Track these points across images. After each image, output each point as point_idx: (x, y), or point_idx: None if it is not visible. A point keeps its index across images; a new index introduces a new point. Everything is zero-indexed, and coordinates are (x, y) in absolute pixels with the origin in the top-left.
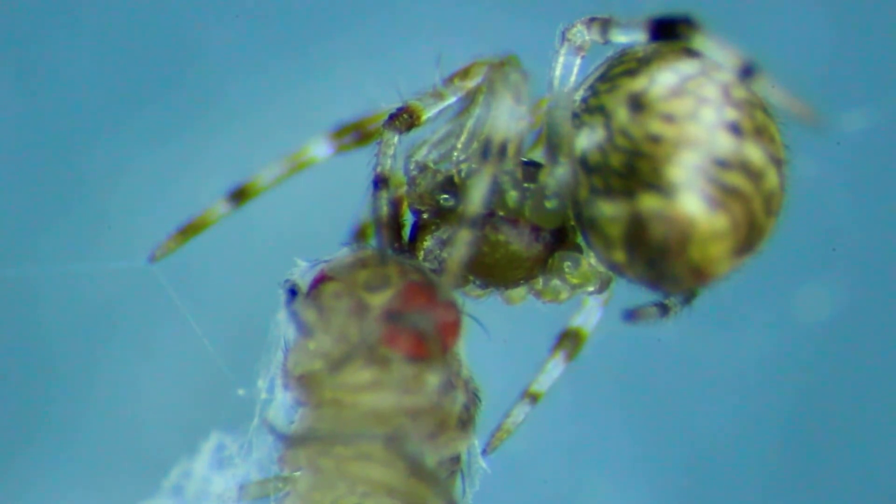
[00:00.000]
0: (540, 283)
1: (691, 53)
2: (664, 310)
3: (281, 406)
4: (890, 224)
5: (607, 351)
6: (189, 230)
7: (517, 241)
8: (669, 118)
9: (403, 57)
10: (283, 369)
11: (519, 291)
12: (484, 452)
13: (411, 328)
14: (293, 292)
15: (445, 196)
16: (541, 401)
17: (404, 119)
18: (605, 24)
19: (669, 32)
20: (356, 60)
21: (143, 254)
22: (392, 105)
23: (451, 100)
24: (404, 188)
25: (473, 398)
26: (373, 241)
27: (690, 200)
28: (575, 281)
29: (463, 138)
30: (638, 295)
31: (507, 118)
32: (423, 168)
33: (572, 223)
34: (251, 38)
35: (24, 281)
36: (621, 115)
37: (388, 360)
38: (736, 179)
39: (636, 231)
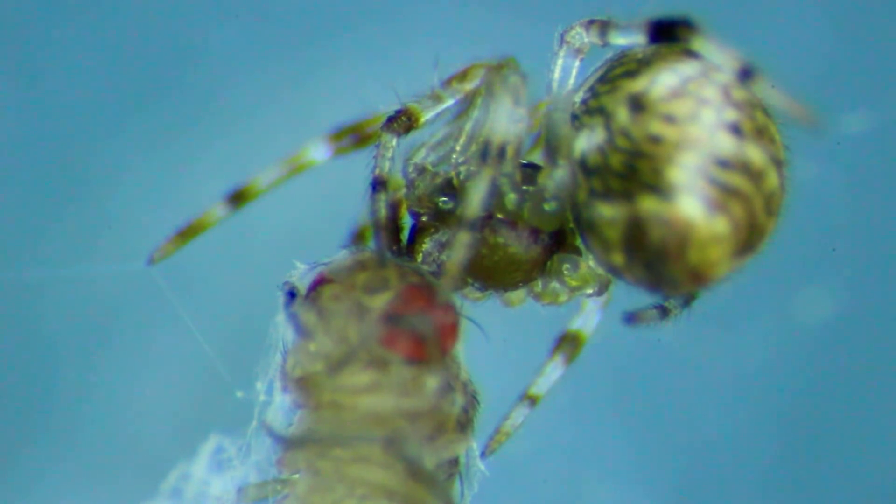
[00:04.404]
0: (539, 285)
1: (691, 54)
2: (664, 312)
3: (279, 408)
4: (890, 225)
5: (606, 352)
6: (188, 233)
7: (516, 244)
8: (670, 119)
9: (402, 59)
10: (282, 372)
11: (518, 294)
12: (483, 455)
13: (410, 330)
14: (292, 295)
15: (444, 198)
16: (539, 403)
17: (403, 121)
18: (604, 27)
19: (668, 34)
20: (354, 63)
21: (142, 256)
22: (390, 107)
23: (450, 102)
24: (403, 191)
25: (472, 400)
26: (371, 244)
27: (689, 203)
28: (574, 283)
29: (462, 141)
30: (637, 297)
31: (505, 120)
32: (421, 170)
33: (571, 225)
34: (250, 41)
35: (23, 283)
36: (622, 115)
37: (387, 363)
38: (736, 180)
39: (635, 234)
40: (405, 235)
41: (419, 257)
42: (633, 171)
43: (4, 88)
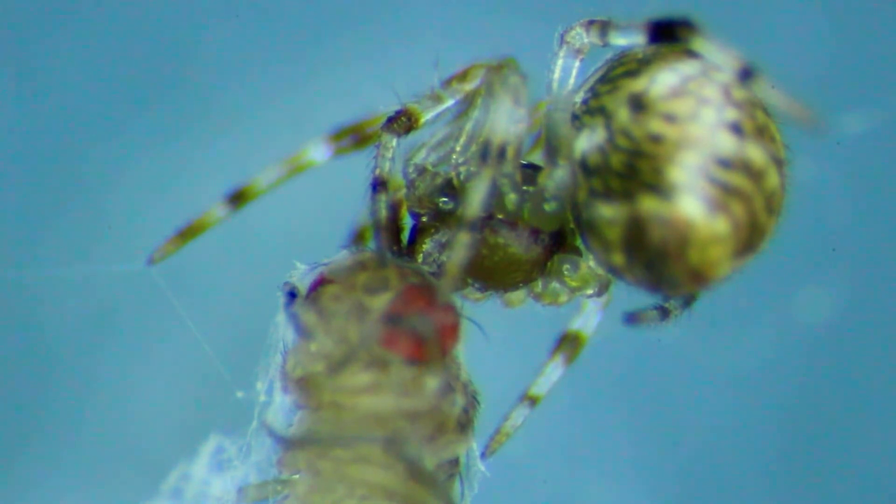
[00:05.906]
0: (539, 285)
1: (692, 54)
2: (664, 313)
3: (280, 409)
4: (890, 225)
5: (606, 353)
6: (188, 233)
7: (516, 244)
8: (671, 118)
9: (402, 59)
10: (282, 372)
11: (518, 294)
12: (483, 455)
13: (410, 331)
14: (292, 295)
15: (444, 199)
16: (540, 403)
17: (403, 122)
18: (604, 27)
19: (668, 35)
20: (354, 63)
21: (142, 256)
22: (390, 108)
23: (450, 102)
24: (403, 191)
25: (472, 401)
26: (372, 244)
27: (689, 203)
28: (574, 284)
29: (462, 141)
30: (637, 297)
31: (505, 121)
32: (421, 171)
33: (571, 226)
34: (250, 41)
35: (23, 283)
36: (622, 115)
37: (388, 363)
38: (737, 179)
39: (635, 234)
40: (405, 236)
41: (419, 258)
42: (634, 170)
43: (4, 88)
